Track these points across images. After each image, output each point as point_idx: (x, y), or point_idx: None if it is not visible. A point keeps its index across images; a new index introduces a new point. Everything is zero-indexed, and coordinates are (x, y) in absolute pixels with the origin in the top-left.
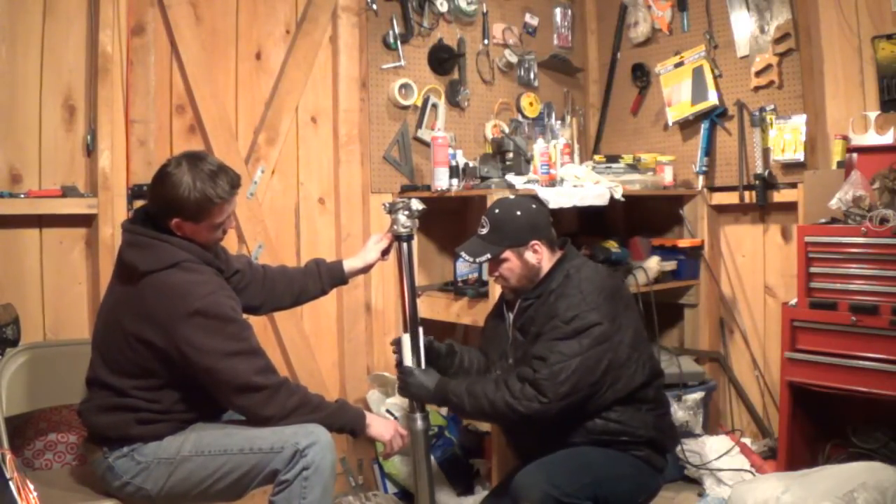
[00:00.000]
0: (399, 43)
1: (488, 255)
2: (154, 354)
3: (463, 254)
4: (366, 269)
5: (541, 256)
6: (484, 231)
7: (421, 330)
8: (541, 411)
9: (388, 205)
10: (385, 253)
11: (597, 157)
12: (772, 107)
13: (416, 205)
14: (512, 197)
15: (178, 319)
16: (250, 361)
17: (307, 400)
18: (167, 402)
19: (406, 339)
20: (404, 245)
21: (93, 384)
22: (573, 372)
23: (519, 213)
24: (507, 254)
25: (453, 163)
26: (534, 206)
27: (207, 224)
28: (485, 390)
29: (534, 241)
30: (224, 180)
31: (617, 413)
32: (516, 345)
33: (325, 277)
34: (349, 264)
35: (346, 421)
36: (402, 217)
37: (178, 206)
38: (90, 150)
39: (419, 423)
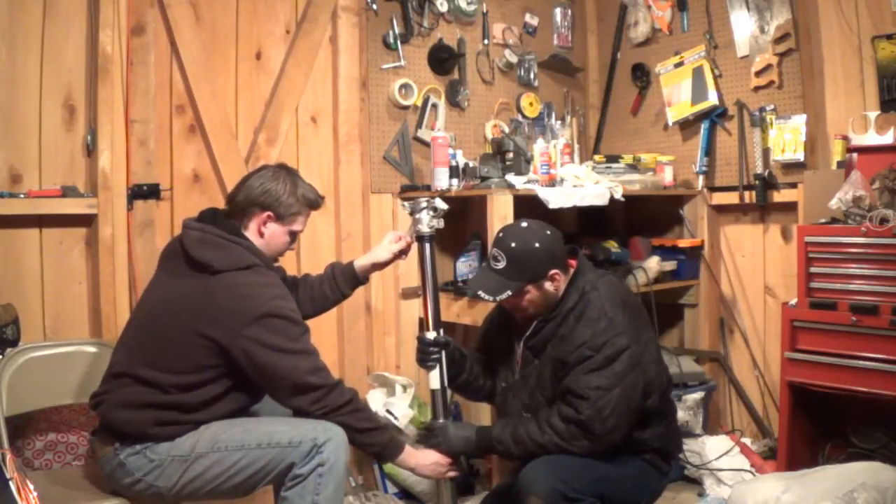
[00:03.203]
0: (399, 43)
1: (509, 293)
2: (213, 351)
3: (481, 293)
4: (378, 267)
5: (559, 284)
6: (500, 265)
7: (441, 332)
8: (591, 448)
9: (410, 204)
10: (402, 255)
11: (597, 157)
12: (772, 107)
13: (441, 204)
14: (524, 224)
15: (247, 320)
16: (310, 361)
17: (353, 404)
18: (200, 399)
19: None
20: (426, 245)
21: (121, 377)
22: (617, 403)
23: (537, 244)
24: (528, 288)
25: (453, 163)
26: (548, 232)
27: (288, 228)
28: (530, 435)
29: (553, 271)
30: (314, 194)
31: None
32: (526, 362)
33: (339, 280)
34: (359, 262)
35: (375, 441)
36: (425, 217)
37: (273, 200)
38: (90, 150)
39: (443, 419)
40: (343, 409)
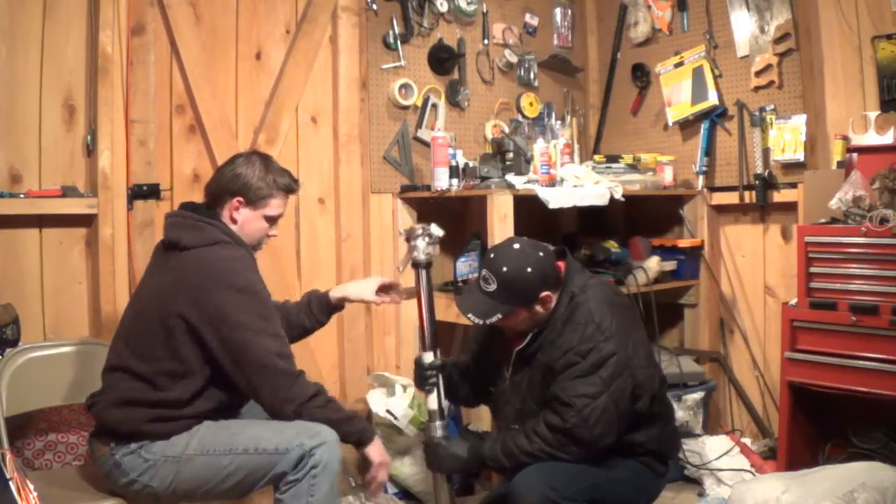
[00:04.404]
0: (399, 43)
1: (499, 316)
2: (186, 332)
3: (471, 315)
4: (350, 302)
5: (550, 305)
6: (490, 288)
7: (438, 353)
8: (581, 454)
9: (405, 232)
10: (385, 291)
11: (597, 157)
12: (772, 107)
13: (437, 231)
14: (516, 246)
15: (215, 290)
16: (277, 343)
17: (324, 394)
18: (188, 392)
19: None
20: (423, 272)
21: (114, 371)
22: (603, 411)
23: (529, 269)
24: (518, 310)
25: (453, 163)
26: (540, 253)
27: (262, 213)
28: (519, 447)
29: (544, 294)
30: (288, 178)
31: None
32: (516, 369)
33: (315, 309)
34: (334, 294)
35: (355, 429)
36: (421, 243)
37: (242, 185)
38: (90, 150)
39: (439, 433)
40: (314, 402)
